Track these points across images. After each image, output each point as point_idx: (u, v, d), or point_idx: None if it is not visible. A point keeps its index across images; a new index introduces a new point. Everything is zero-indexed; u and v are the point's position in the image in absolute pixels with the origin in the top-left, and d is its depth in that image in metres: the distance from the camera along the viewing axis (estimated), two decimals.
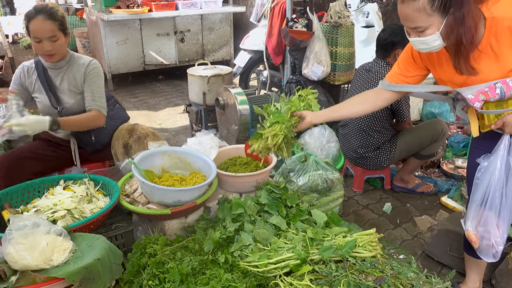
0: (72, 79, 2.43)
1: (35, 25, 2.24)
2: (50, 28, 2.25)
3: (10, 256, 1.55)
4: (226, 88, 3.18)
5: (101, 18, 5.47)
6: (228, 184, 2.33)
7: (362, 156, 3.01)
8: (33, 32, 2.25)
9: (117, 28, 5.61)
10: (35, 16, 2.24)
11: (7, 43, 5.54)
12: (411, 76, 1.87)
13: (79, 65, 2.44)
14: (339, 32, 3.65)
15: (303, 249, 1.75)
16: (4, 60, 5.47)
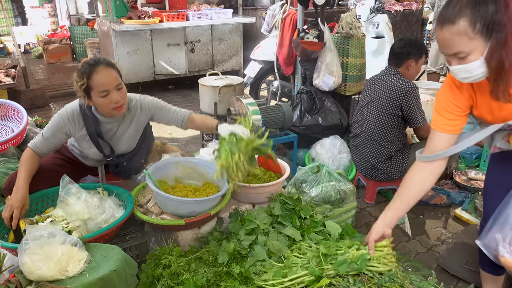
0: (135, 123, 2.28)
1: (101, 77, 2.02)
2: (115, 76, 2.07)
3: (26, 267, 1.55)
4: (238, 98, 3.19)
5: (112, 29, 5.53)
6: (241, 195, 2.32)
7: (374, 167, 2.99)
8: (98, 86, 2.02)
9: (128, 38, 5.66)
10: (95, 68, 2.02)
11: (19, 53, 5.60)
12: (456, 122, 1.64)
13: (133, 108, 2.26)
14: (350, 42, 3.65)
15: (317, 265, 1.73)
16: (17, 69, 5.53)
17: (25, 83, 5.56)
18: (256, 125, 2.14)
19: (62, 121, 2.16)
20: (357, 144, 3.10)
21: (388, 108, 2.87)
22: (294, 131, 3.49)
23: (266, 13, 4.67)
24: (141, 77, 5.87)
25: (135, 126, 2.30)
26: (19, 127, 2.81)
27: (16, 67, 5.60)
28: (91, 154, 2.29)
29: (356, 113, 3.17)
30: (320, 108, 3.62)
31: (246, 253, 1.90)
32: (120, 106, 2.10)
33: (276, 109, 3.29)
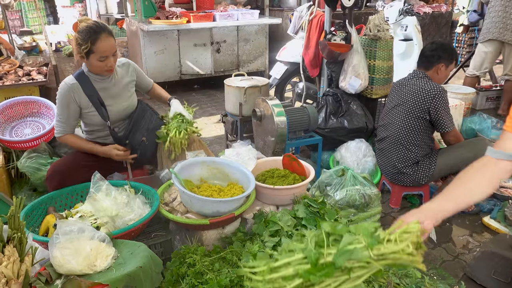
0: (122, 82, 2.54)
1: (102, 44, 2.24)
2: (113, 44, 2.32)
3: (56, 260, 1.60)
4: (264, 100, 3.19)
5: (141, 29, 5.62)
6: (265, 196, 2.33)
7: (400, 171, 2.94)
8: (100, 51, 2.25)
9: (156, 38, 5.75)
10: (99, 35, 2.23)
11: (51, 51, 5.76)
12: None
13: (121, 68, 2.56)
14: (377, 45, 3.61)
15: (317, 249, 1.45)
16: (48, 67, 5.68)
17: (56, 81, 5.71)
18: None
19: (65, 94, 2.36)
20: (383, 148, 3.06)
21: (415, 111, 2.82)
22: (319, 133, 3.47)
23: (293, 15, 4.66)
24: (167, 76, 5.95)
25: (124, 83, 2.55)
26: (51, 124, 2.89)
27: (47, 65, 5.75)
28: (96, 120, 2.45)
29: (383, 116, 3.13)
30: (345, 111, 3.59)
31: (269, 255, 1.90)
32: (112, 70, 2.41)
33: (301, 111, 3.28)
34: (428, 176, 2.90)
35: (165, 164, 2.58)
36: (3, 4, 5.82)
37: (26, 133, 2.91)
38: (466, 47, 7.48)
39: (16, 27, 11.10)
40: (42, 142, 2.82)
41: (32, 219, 2.08)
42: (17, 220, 1.60)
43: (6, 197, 2.43)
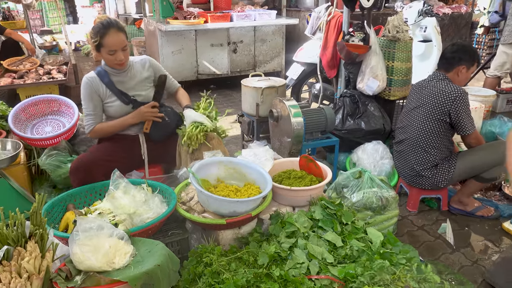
0: (139, 75, 2.67)
1: (110, 39, 2.42)
2: (122, 39, 2.47)
3: (76, 257, 1.62)
4: (281, 100, 3.19)
5: (159, 29, 5.67)
6: (281, 197, 2.32)
7: (419, 174, 2.91)
8: (108, 45, 2.43)
9: (173, 38, 5.79)
10: (108, 30, 2.41)
11: (70, 50, 5.85)
12: None
13: (139, 63, 2.70)
14: (396, 46, 3.57)
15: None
16: (68, 66, 5.78)
17: (75, 80, 5.80)
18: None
19: (88, 88, 2.56)
20: (401, 150, 3.03)
21: (435, 114, 2.79)
22: (335, 134, 3.45)
23: (310, 15, 4.65)
24: (184, 76, 5.99)
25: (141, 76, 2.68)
26: (71, 122, 2.93)
27: (67, 64, 5.85)
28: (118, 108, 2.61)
29: (401, 118, 3.10)
30: (363, 112, 3.56)
31: (286, 256, 1.90)
32: (122, 63, 2.53)
33: (319, 112, 3.27)
34: (447, 179, 2.86)
35: (183, 163, 2.60)
36: (25, 4, 5.94)
37: (47, 131, 2.96)
38: (486, 49, 7.35)
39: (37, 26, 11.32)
40: (62, 140, 2.86)
41: (52, 216, 2.11)
42: (39, 216, 1.63)
43: (28, 194, 2.48)
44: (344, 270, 1.81)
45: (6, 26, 6.50)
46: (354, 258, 1.94)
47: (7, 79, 4.83)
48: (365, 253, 1.95)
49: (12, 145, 2.55)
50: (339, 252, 1.96)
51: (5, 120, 3.09)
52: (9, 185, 2.39)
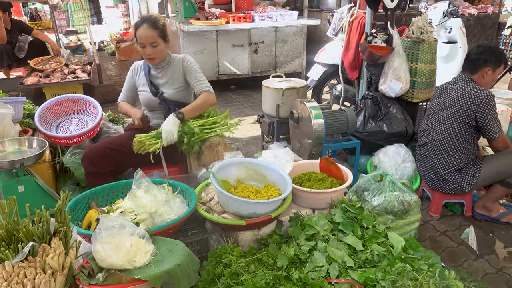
0: (171, 75, 2.77)
1: (140, 33, 2.59)
2: (151, 35, 2.58)
3: (98, 254, 1.64)
4: (302, 102, 3.18)
5: (181, 29, 5.73)
6: (301, 199, 2.31)
7: (442, 178, 2.85)
8: (138, 38, 2.61)
9: (195, 38, 5.84)
10: (141, 24, 2.59)
11: (95, 50, 5.96)
12: None
13: (176, 62, 2.78)
14: (420, 48, 3.51)
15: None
16: (92, 66, 5.89)
17: (98, 79, 5.92)
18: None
19: (129, 73, 2.89)
20: (424, 154, 2.98)
21: (460, 117, 2.73)
22: (356, 137, 3.42)
23: (332, 16, 4.61)
24: (205, 76, 5.99)
25: (173, 76, 2.77)
26: (94, 121, 2.99)
27: (91, 64, 5.96)
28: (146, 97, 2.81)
29: (424, 121, 3.05)
30: (385, 115, 3.51)
31: (305, 259, 1.89)
32: (152, 58, 2.67)
33: (340, 114, 3.25)
34: (472, 184, 2.80)
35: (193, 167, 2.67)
36: (52, 4, 6.07)
37: (71, 130, 3.02)
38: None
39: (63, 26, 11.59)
40: (86, 139, 2.92)
41: (75, 213, 2.15)
42: (63, 214, 1.66)
43: (52, 191, 2.53)
44: (364, 275, 1.79)
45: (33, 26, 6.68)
46: (375, 262, 1.92)
47: (33, 78, 4.96)
48: (386, 257, 1.92)
49: (38, 143, 2.61)
50: (359, 256, 1.94)
51: (31, 118, 3.17)
52: (34, 182, 2.45)
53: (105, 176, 2.57)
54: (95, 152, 2.60)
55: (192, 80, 2.74)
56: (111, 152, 2.62)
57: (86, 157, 2.60)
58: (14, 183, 2.38)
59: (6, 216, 1.61)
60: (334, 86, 4.75)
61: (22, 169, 2.41)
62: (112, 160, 2.61)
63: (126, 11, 11.21)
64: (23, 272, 1.46)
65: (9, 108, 2.72)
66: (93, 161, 2.57)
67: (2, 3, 5.67)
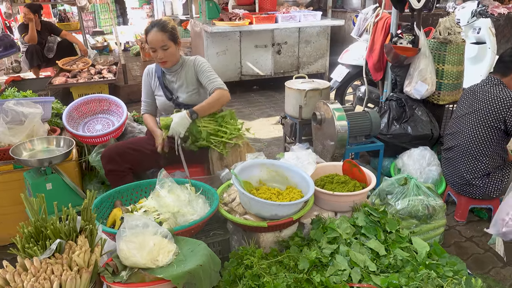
0: (184, 78, 2.77)
1: (150, 37, 2.62)
2: (161, 39, 2.59)
3: (122, 253, 1.67)
4: (325, 103, 3.16)
5: (204, 30, 5.77)
6: (323, 202, 2.29)
7: (469, 183, 2.78)
8: (149, 43, 2.64)
9: (219, 39, 5.87)
10: (151, 29, 2.62)
11: (120, 50, 6.07)
12: None
13: (189, 66, 2.78)
14: (447, 49, 3.44)
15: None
16: (118, 66, 6.00)
17: (124, 79, 6.02)
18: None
19: (144, 78, 2.87)
20: (450, 158, 2.91)
21: (488, 120, 2.66)
22: (380, 139, 3.37)
23: (356, 16, 4.57)
24: (227, 77, 6.05)
25: (186, 79, 2.77)
26: (120, 121, 3.04)
27: (117, 64, 6.07)
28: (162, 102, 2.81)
29: (451, 124, 2.98)
30: (409, 117, 3.45)
31: (327, 262, 1.87)
32: (164, 62, 2.68)
33: (363, 116, 3.21)
34: (500, 189, 2.72)
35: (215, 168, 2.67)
36: (79, 6, 6.22)
37: (97, 129, 3.09)
38: None
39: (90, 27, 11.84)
40: (111, 138, 2.98)
41: (100, 211, 2.20)
42: (89, 212, 1.70)
43: (78, 189, 2.59)
44: (387, 280, 1.76)
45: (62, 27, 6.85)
46: (398, 268, 1.89)
47: (61, 78, 5.09)
48: (410, 263, 1.89)
49: (66, 142, 2.67)
50: (382, 261, 1.91)
51: (59, 118, 3.25)
52: (62, 180, 2.51)
53: (125, 174, 2.61)
54: (113, 151, 2.63)
55: (205, 79, 2.71)
56: (130, 151, 2.66)
57: (104, 156, 2.64)
58: (42, 181, 2.45)
59: (35, 213, 1.65)
60: (358, 88, 4.70)
61: (50, 167, 2.47)
62: (130, 159, 2.64)
63: (151, 12, 11.36)
64: (51, 269, 1.50)
65: (39, 107, 2.79)
66: (111, 159, 2.60)
67: (33, 5, 5.84)
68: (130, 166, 2.64)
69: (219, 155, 2.67)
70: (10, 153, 2.46)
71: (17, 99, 2.84)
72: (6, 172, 2.64)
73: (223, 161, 2.66)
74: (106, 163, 2.62)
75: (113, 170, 2.58)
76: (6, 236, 2.74)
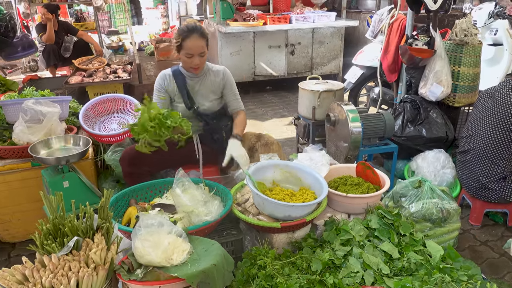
0: (209, 85, 2.72)
1: (190, 43, 2.51)
2: (201, 45, 2.53)
3: (137, 251, 1.70)
4: (339, 104, 3.15)
5: (219, 30, 5.80)
6: (337, 203, 2.29)
7: (485, 186, 2.75)
8: (187, 49, 2.52)
9: (232, 39, 5.90)
10: (190, 34, 2.50)
11: (135, 50, 6.12)
12: None
13: (214, 73, 2.73)
14: (464, 50, 3.40)
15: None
16: (132, 66, 6.05)
17: (138, 79, 6.08)
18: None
19: (159, 82, 2.71)
20: (465, 161, 2.88)
21: (506, 123, 2.63)
22: (394, 141, 3.35)
23: (371, 17, 4.54)
24: (241, 77, 6.08)
25: (211, 87, 2.73)
26: (135, 121, 3.07)
27: (132, 64, 6.13)
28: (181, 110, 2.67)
29: (467, 127, 2.95)
30: (424, 119, 3.43)
31: (340, 264, 1.87)
32: (197, 68, 2.60)
33: (377, 118, 3.20)
34: None
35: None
36: (95, 6, 6.30)
37: (113, 128, 3.13)
38: None
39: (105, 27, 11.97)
40: (126, 137, 3.01)
41: (115, 210, 2.23)
42: (106, 210, 1.73)
43: (94, 187, 2.63)
44: (400, 283, 1.76)
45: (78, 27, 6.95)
46: (411, 271, 1.88)
47: (77, 77, 5.16)
48: (424, 266, 1.88)
49: (83, 141, 2.72)
50: (396, 263, 1.91)
51: (76, 117, 3.30)
52: (78, 178, 2.55)
53: (143, 176, 2.62)
54: (132, 154, 2.62)
55: (231, 96, 2.75)
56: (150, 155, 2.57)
57: (124, 158, 2.64)
58: (59, 179, 2.49)
59: (53, 210, 1.69)
60: (372, 89, 4.67)
61: (67, 165, 2.51)
62: (150, 161, 2.63)
63: (165, 12, 11.44)
64: (68, 265, 1.54)
65: (57, 106, 2.84)
66: (131, 162, 2.61)
67: (50, 5, 5.93)
68: (149, 169, 2.64)
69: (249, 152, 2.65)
70: (29, 151, 2.51)
71: (35, 98, 2.88)
72: (24, 170, 2.69)
73: (254, 158, 2.66)
74: (126, 165, 2.62)
75: (133, 172, 2.58)
76: (24, 232, 2.80)
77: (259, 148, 2.59)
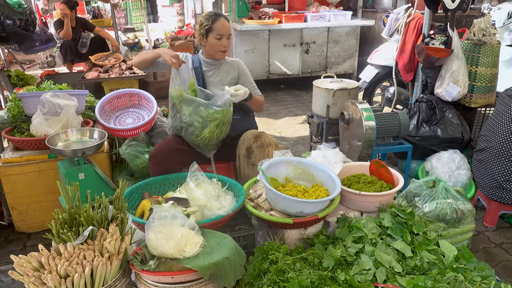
0: (224, 75, 2.79)
1: (221, 24, 2.60)
2: (229, 27, 2.65)
3: (150, 242, 1.72)
4: (353, 103, 3.14)
5: (234, 28, 5.81)
6: (350, 201, 2.29)
7: (501, 186, 2.71)
8: (217, 30, 2.60)
9: (247, 37, 5.91)
10: (219, 17, 2.62)
11: (150, 47, 6.17)
12: None
13: (229, 64, 2.82)
14: (481, 50, 3.35)
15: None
16: None
17: (153, 75, 6.13)
18: None
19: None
20: (482, 159, 2.84)
21: None
22: (409, 141, 3.32)
23: (387, 17, 4.51)
24: (255, 75, 6.07)
25: (227, 77, 2.79)
26: (150, 115, 3.11)
27: None
28: None
29: (486, 126, 2.91)
30: (440, 119, 3.39)
31: (352, 261, 1.87)
32: (224, 51, 2.69)
33: (392, 117, 3.17)
34: None
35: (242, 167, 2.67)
36: (112, 3, 6.36)
37: (128, 123, 3.16)
38: None
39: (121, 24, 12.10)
40: (141, 132, 3.04)
41: (130, 202, 2.26)
42: (121, 201, 1.75)
43: (109, 180, 2.66)
44: (413, 281, 1.75)
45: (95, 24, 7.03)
46: (424, 270, 1.87)
47: (94, 73, 5.23)
48: (437, 266, 1.87)
49: (99, 134, 2.75)
50: (408, 262, 1.90)
51: (92, 110, 3.35)
52: (94, 170, 2.59)
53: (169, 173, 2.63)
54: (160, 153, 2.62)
55: (247, 84, 2.80)
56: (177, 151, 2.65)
57: (152, 157, 2.62)
58: (75, 171, 2.53)
59: (70, 200, 1.72)
60: (387, 88, 4.64)
61: (83, 157, 2.55)
62: (175, 160, 2.63)
63: (181, 10, 11.51)
64: (83, 254, 1.56)
65: (74, 100, 2.88)
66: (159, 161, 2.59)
67: (69, 2, 6.02)
68: (175, 166, 2.63)
69: (246, 152, 2.69)
70: (46, 143, 2.55)
71: (53, 91, 2.93)
72: (41, 162, 2.74)
73: (250, 159, 2.68)
74: (155, 164, 2.61)
75: (161, 171, 2.56)
76: (40, 222, 2.85)
77: (255, 150, 2.58)
